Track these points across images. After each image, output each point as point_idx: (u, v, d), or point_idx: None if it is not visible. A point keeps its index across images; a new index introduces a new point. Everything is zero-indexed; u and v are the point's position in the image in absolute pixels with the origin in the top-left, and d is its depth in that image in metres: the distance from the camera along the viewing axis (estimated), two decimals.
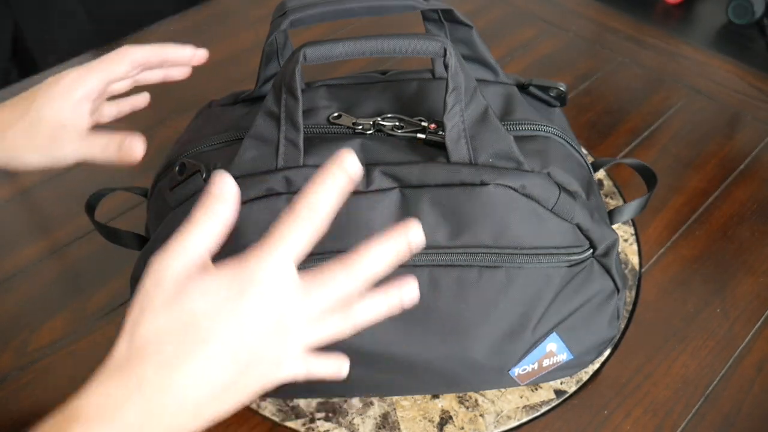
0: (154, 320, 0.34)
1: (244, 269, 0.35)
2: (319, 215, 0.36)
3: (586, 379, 0.59)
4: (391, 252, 0.37)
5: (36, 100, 0.48)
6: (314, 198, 0.36)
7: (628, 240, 0.69)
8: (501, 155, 0.49)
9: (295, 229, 0.35)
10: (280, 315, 0.35)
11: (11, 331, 0.63)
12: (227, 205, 0.36)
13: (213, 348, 0.34)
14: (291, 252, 0.36)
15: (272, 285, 0.35)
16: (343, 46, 0.46)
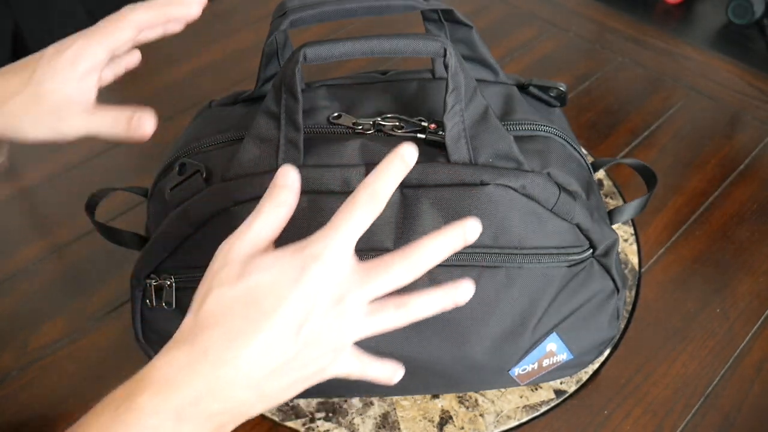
0: (220, 295, 0.35)
1: (307, 248, 0.36)
2: (379, 202, 0.37)
3: (585, 379, 0.59)
4: (447, 246, 0.38)
5: (37, 70, 0.45)
6: (376, 186, 0.37)
7: (628, 240, 0.69)
8: (501, 155, 0.49)
9: (357, 214, 0.37)
10: (340, 295, 0.36)
11: (11, 331, 0.63)
12: (291, 194, 0.38)
13: (276, 321, 0.35)
14: (352, 235, 0.36)
15: (334, 263, 0.36)
16: (343, 46, 0.46)
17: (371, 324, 0.37)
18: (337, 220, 0.37)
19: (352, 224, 0.36)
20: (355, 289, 0.36)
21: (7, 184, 0.77)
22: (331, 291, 0.36)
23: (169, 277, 0.50)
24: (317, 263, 0.35)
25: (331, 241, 0.36)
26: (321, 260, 0.36)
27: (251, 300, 0.35)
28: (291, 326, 0.35)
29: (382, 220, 0.47)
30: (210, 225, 0.48)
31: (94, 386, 0.59)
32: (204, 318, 0.35)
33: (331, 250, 0.36)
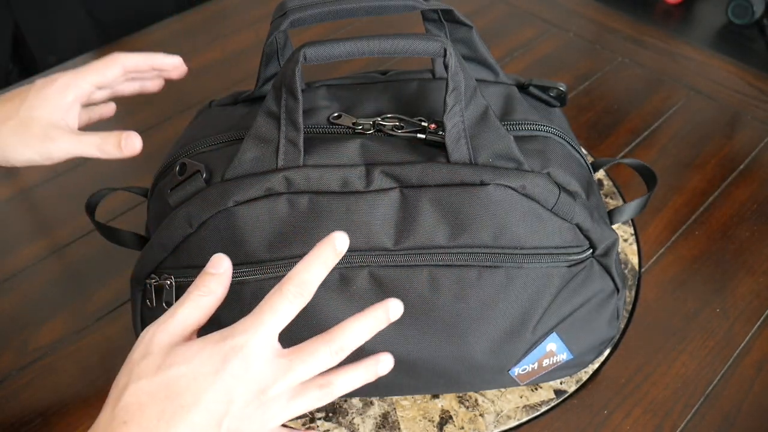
0: (138, 389, 0.35)
1: (229, 338, 0.36)
2: (307, 293, 0.38)
3: (585, 378, 0.59)
4: (370, 328, 0.39)
5: (26, 101, 0.49)
6: (304, 276, 0.38)
7: (627, 240, 0.69)
8: (501, 155, 0.49)
9: (282, 306, 0.37)
10: (263, 386, 0.36)
11: (11, 331, 0.63)
12: (219, 284, 0.39)
13: (196, 413, 0.35)
14: (276, 326, 0.37)
15: (256, 355, 0.36)
16: (343, 46, 0.46)
17: (295, 407, 0.38)
18: (261, 311, 0.37)
19: (277, 316, 0.37)
20: (279, 378, 0.37)
21: (7, 184, 0.77)
22: (252, 383, 0.36)
23: (170, 277, 0.50)
24: (238, 355, 0.36)
25: (254, 333, 0.36)
26: (242, 352, 0.36)
27: (170, 394, 0.35)
28: (211, 419, 0.35)
29: (382, 220, 0.47)
30: (210, 225, 0.48)
31: (94, 386, 0.59)
32: (121, 413, 0.34)
33: (254, 342, 0.36)
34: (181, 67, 0.57)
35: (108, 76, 0.52)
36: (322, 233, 0.47)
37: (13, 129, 0.48)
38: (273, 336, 0.37)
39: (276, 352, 0.37)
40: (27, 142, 0.48)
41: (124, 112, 0.86)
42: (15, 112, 0.49)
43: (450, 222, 0.48)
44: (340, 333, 0.38)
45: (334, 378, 0.39)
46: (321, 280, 0.39)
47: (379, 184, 0.47)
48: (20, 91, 0.50)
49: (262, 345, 0.36)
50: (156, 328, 0.37)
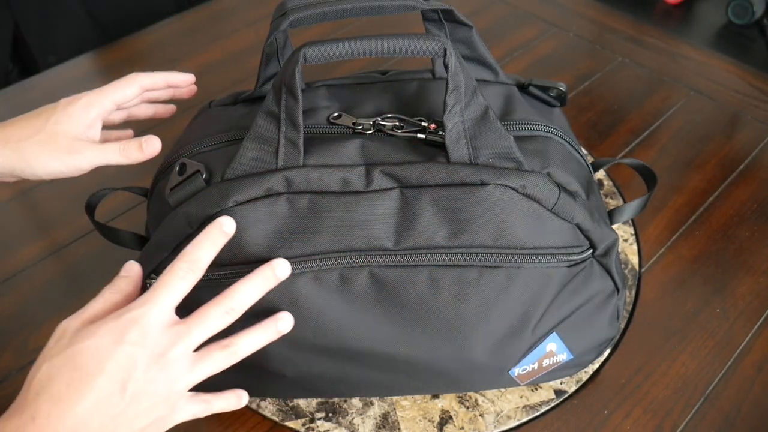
0: (48, 366, 0.39)
1: (126, 313, 0.40)
2: (197, 270, 0.43)
3: (585, 379, 0.59)
4: (258, 287, 0.44)
5: (52, 117, 0.53)
6: (194, 255, 0.43)
7: (627, 240, 0.69)
8: (501, 155, 0.49)
9: (174, 282, 0.42)
10: (162, 349, 0.40)
11: (11, 331, 0.63)
12: (129, 284, 0.45)
13: (100, 381, 0.38)
14: (170, 300, 0.41)
15: (152, 323, 0.40)
16: (343, 46, 0.46)
17: (200, 369, 0.42)
18: (156, 288, 0.41)
19: (169, 290, 0.42)
20: (177, 342, 0.41)
21: (7, 184, 0.77)
22: (150, 348, 0.40)
23: None
24: (136, 326, 0.40)
25: (149, 307, 0.41)
26: (140, 323, 0.40)
27: (76, 365, 0.38)
28: (115, 384, 0.38)
29: (382, 220, 0.47)
30: None
31: None
32: (32, 388, 0.38)
33: (150, 313, 0.40)
34: (193, 86, 0.62)
35: (127, 94, 0.56)
36: (321, 233, 0.47)
37: (41, 143, 0.52)
38: (168, 308, 0.41)
39: (172, 321, 0.41)
40: (54, 155, 0.52)
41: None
42: (42, 127, 0.52)
43: (450, 222, 0.48)
44: (230, 294, 0.43)
45: (236, 339, 0.43)
46: (211, 258, 0.43)
47: (379, 184, 0.47)
48: (45, 109, 0.54)
49: (157, 315, 0.40)
50: (68, 319, 0.42)
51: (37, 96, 0.88)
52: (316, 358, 0.51)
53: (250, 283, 0.44)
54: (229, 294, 0.43)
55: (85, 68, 0.93)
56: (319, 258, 0.47)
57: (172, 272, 0.42)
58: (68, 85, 0.89)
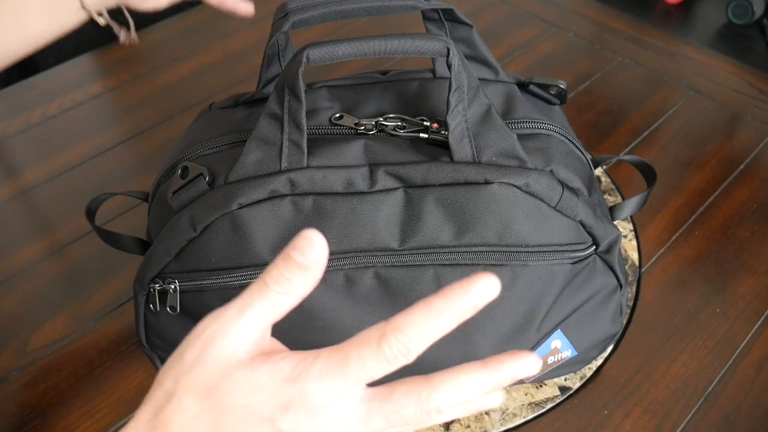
0: (183, 404, 0.29)
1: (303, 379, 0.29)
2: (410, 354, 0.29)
3: (590, 375, 0.59)
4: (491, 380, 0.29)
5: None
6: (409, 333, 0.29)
7: (627, 236, 0.69)
8: (504, 154, 0.49)
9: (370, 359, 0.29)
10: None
11: (11, 331, 0.63)
12: (307, 280, 0.29)
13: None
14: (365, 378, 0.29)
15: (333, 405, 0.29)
16: (346, 46, 0.46)
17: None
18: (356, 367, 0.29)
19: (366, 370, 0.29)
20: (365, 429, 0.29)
21: (7, 184, 0.77)
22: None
23: (174, 282, 0.49)
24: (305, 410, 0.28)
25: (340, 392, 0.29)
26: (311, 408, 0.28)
27: (216, 425, 0.29)
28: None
29: (386, 220, 0.47)
30: (214, 228, 0.48)
31: (94, 386, 0.59)
32: (161, 426, 0.29)
33: (340, 402, 0.29)
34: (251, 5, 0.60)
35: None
36: (326, 235, 0.47)
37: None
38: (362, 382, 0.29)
39: (362, 399, 0.29)
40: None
41: (123, 112, 0.86)
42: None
43: (455, 221, 0.48)
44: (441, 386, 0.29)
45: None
46: (427, 344, 0.29)
47: (383, 184, 0.47)
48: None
49: (345, 394, 0.29)
50: (216, 331, 0.30)
51: (37, 96, 0.88)
52: None
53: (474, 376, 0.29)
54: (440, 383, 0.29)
55: (85, 68, 0.93)
56: None
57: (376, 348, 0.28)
58: (68, 85, 0.89)
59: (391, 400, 0.29)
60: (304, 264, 0.29)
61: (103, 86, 0.89)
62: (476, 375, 0.29)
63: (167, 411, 0.29)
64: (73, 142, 0.81)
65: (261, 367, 0.29)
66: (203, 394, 0.29)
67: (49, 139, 0.82)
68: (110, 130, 0.83)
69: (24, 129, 0.83)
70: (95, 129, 0.83)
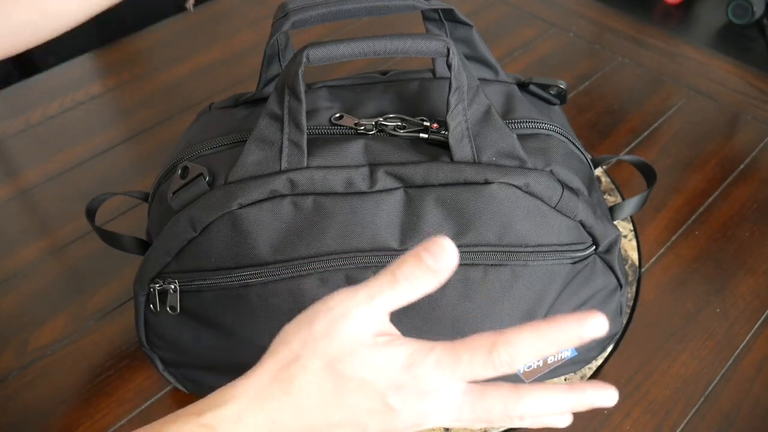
0: (310, 368, 0.33)
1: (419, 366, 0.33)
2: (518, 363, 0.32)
3: (590, 374, 0.59)
4: (570, 403, 0.33)
5: None
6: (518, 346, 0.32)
7: (627, 236, 0.69)
8: (504, 154, 0.49)
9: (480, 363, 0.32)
10: (430, 416, 0.34)
11: (11, 331, 0.63)
12: (431, 283, 0.33)
13: (350, 417, 0.33)
14: (471, 374, 0.33)
15: (438, 394, 0.33)
16: (346, 46, 0.46)
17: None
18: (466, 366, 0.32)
19: (473, 371, 0.32)
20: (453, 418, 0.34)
21: (7, 184, 0.77)
22: (425, 419, 0.33)
23: (174, 281, 0.49)
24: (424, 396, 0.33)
25: (446, 382, 0.33)
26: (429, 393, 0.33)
27: (330, 397, 0.33)
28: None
29: (386, 220, 0.47)
30: (215, 228, 0.48)
31: (94, 386, 0.59)
32: (285, 383, 0.33)
33: (444, 391, 0.33)
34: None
35: None
36: (327, 235, 0.47)
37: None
38: (461, 382, 0.33)
39: (463, 392, 0.33)
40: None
41: (123, 112, 0.86)
42: None
43: (455, 221, 0.48)
44: (528, 397, 0.33)
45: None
46: (530, 361, 0.32)
47: (383, 184, 0.47)
48: None
49: (450, 387, 0.33)
50: (347, 310, 0.33)
51: (37, 96, 0.88)
52: None
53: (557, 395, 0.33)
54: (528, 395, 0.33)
55: (85, 68, 0.93)
56: (324, 259, 0.47)
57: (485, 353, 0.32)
58: (68, 85, 0.89)
59: (484, 398, 0.33)
60: (434, 268, 0.32)
61: (103, 86, 0.89)
62: (560, 395, 0.33)
63: (294, 369, 0.33)
64: (73, 142, 0.81)
65: (383, 350, 0.33)
66: (328, 363, 0.33)
67: (49, 139, 0.82)
68: (110, 130, 0.83)
69: (24, 129, 0.83)
70: (95, 129, 0.83)
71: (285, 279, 0.48)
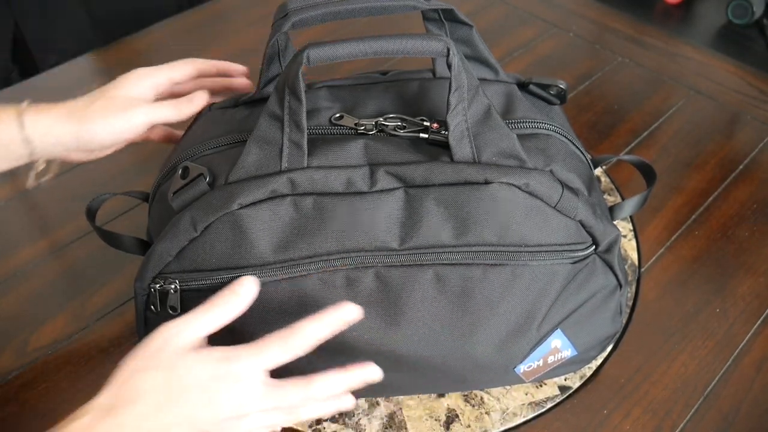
0: (149, 376, 0.41)
1: (230, 361, 0.42)
2: (304, 345, 0.43)
3: (589, 374, 0.59)
4: (347, 381, 0.45)
5: (109, 86, 0.57)
6: (308, 330, 0.43)
7: (626, 236, 0.69)
8: (504, 154, 0.49)
9: (281, 348, 0.43)
10: (242, 403, 0.42)
11: (11, 331, 0.63)
12: (241, 305, 0.44)
13: (182, 411, 0.41)
14: (269, 363, 0.43)
15: (245, 382, 0.42)
16: (346, 46, 0.46)
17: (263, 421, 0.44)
18: (260, 347, 0.43)
19: (271, 356, 0.43)
20: (259, 400, 0.42)
21: (7, 184, 0.77)
22: (235, 400, 0.42)
23: (174, 282, 0.49)
24: (231, 379, 0.42)
25: (247, 365, 0.42)
26: (235, 378, 0.42)
27: (172, 392, 0.41)
28: (193, 419, 0.41)
29: (386, 220, 0.47)
30: (215, 228, 0.48)
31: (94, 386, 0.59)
32: (129, 392, 0.40)
33: (246, 373, 0.42)
34: (246, 79, 0.63)
35: (183, 71, 0.60)
36: (327, 234, 0.47)
37: (101, 107, 0.55)
38: (262, 369, 0.43)
39: (262, 382, 0.43)
40: (113, 113, 0.55)
41: None
42: (101, 95, 0.56)
43: (455, 221, 0.48)
44: (318, 382, 0.43)
45: (300, 408, 0.45)
46: (320, 341, 0.44)
47: (383, 184, 0.47)
48: (103, 88, 0.58)
49: (252, 375, 0.42)
50: (175, 329, 0.43)
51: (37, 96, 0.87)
52: (321, 360, 0.51)
53: (341, 377, 0.44)
54: (315, 381, 0.44)
55: (85, 68, 0.93)
56: (324, 259, 0.47)
57: (282, 340, 0.43)
58: (68, 85, 0.89)
59: (282, 387, 0.43)
60: (239, 293, 0.44)
61: None
62: (337, 375, 0.44)
63: (134, 381, 0.41)
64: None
65: (205, 353, 0.43)
66: (165, 370, 0.41)
67: None
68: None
69: None
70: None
71: (285, 279, 0.48)
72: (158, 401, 0.40)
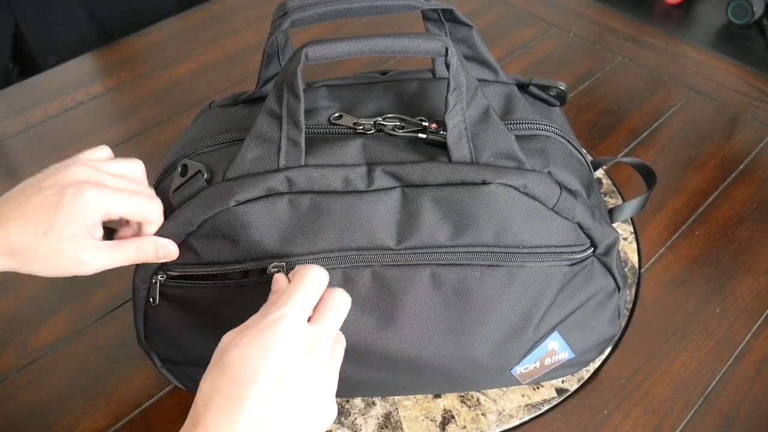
0: (210, 378, 0.40)
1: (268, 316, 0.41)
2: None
3: (587, 377, 0.59)
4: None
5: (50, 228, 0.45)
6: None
7: (627, 238, 0.69)
8: (502, 154, 0.49)
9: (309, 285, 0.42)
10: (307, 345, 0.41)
11: (11, 331, 0.63)
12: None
13: (255, 387, 0.39)
14: (308, 300, 0.42)
15: (293, 323, 0.41)
16: (345, 45, 0.46)
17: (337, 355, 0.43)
18: (293, 290, 0.42)
19: (306, 293, 0.42)
20: (317, 338, 0.41)
21: (7, 184, 0.77)
22: (295, 346, 0.40)
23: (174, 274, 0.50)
24: (277, 328, 0.40)
25: (288, 307, 0.41)
26: (279, 325, 0.40)
27: (229, 376, 0.40)
28: (270, 385, 0.39)
29: (383, 219, 0.47)
30: (212, 224, 0.48)
31: (94, 386, 0.59)
32: (201, 400, 0.40)
33: (289, 314, 0.41)
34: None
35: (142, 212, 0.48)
36: (324, 232, 0.47)
37: (45, 258, 0.46)
38: (308, 307, 0.42)
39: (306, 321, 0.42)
40: (61, 269, 0.47)
41: (123, 112, 0.87)
42: (42, 238, 0.45)
43: (452, 221, 0.48)
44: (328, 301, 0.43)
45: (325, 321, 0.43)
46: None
47: (381, 183, 0.47)
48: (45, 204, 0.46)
49: (296, 314, 0.41)
50: (229, 332, 0.42)
51: (37, 96, 0.88)
52: None
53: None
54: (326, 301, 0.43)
55: (85, 68, 0.93)
56: (321, 257, 0.47)
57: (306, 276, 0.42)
58: (68, 85, 0.89)
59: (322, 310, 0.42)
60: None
61: (104, 86, 0.89)
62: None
63: (198, 395, 0.40)
64: (73, 142, 0.81)
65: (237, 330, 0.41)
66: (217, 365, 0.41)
67: (50, 139, 0.82)
68: (110, 130, 0.83)
69: (24, 129, 0.83)
70: (95, 129, 0.83)
71: None
72: (227, 392, 0.40)
